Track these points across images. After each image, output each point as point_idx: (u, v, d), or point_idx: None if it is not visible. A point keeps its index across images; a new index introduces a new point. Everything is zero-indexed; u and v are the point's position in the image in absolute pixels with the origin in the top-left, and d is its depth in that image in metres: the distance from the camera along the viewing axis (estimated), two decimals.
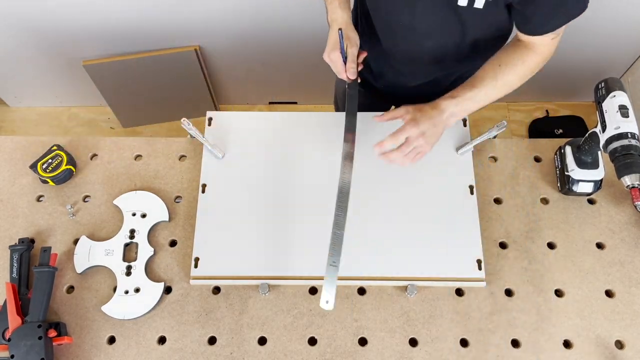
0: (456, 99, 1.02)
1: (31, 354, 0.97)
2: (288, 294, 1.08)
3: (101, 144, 1.25)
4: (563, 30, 0.97)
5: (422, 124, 1.01)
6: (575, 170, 1.11)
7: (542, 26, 0.96)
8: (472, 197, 1.15)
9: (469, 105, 1.02)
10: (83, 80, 2.09)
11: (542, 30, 0.96)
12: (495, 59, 1.04)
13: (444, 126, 1.03)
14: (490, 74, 1.02)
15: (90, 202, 1.18)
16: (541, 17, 0.94)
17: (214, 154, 1.20)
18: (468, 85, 1.03)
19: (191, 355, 1.03)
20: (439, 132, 1.03)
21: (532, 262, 1.11)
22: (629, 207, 1.16)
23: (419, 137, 1.01)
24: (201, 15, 1.83)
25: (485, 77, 1.02)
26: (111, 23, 1.84)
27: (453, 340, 1.04)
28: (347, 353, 1.03)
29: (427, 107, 1.03)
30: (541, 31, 0.96)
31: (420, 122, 1.01)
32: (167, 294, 1.09)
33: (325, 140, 1.22)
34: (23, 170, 1.21)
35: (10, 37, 1.92)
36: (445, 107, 1.01)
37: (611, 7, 1.79)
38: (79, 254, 1.11)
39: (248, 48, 1.99)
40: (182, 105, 2.25)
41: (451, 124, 1.03)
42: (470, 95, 1.02)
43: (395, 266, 1.09)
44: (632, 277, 1.09)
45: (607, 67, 2.10)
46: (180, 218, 1.16)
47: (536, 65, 1.03)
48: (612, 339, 1.04)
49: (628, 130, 0.94)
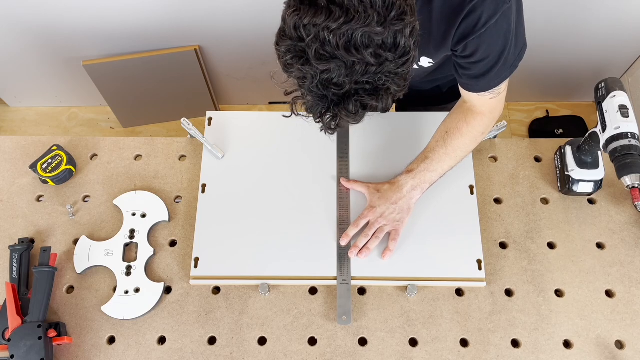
0: (412, 172, 1.08)
1: (31, 354, 0.97)
2: (288, 294, 1.08)
3: (101, 144, 1.25)
4: (503, 89, 0.98)
5: (379, 207, 1.09)
6: (576, 170, 1.11)
7: (472, 87, 0.98)
8: (472, 197, 1.15)
9: (426, 175, 1.07)
10: (83, 80, 2.09)
11: (473, 89, 0.98)
12: (443, 125, 1.08)
13: (408, 200, 1.08)
14: (440, 143, 1.07)
15: (90, 202, 1.18)
16: (470, 79, 0.96)
17: (214, 154, 1.20)
18: (421, 157, 1.09)
19: (191, 355, 1.03)
20: (403, 208, 1.09)
21: (532, 262, 1.11)
22: (629, 207, 1.16)
23: (378, 219, 1.09)
24: (201, 15, 1.83)
25: (435, 147, 1.07)
26: (111, 23, 1.84)
27: (453, 340, 1.04)
28: (347, 353, 1.03)
29: (386, 187, 1.11)
30: (472, 89, 0.98)
31: (377, 205, 1.09)
32: (167, 294, 1.09)
33: (326, 140, 1.22)
34: (23, 170, 1.21)
35: (11, 37, 1.92)
36: (404, 183, 1.08)
37: (611, 7, 1.79)
38: (79, 254, 1.11)
39: (248, 48, 1.99)
40: (182, 105, 2.25)
41: (416, 195, 1.09)
42: (424, 166, 1.07)
43: (395, 266, 1.09)
44: (632, 277, 1.09)
45: (607, 67, 2.10)
46: (180, 218, 1.16)
47: (483, 125, 1.05)
48: (612, 339, 1.03)
49: (628, 130, 0.94)
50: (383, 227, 1.09)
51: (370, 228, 1.08)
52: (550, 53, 2.02)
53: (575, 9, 1.80)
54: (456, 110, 1.07)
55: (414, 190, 1.08)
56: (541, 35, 1.89)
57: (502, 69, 0.92)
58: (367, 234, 1.08)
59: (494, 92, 0.97)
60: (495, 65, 0.90)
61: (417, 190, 1.08)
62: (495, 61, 0.90)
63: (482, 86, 0.96)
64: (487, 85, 0.96)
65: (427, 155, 1.08)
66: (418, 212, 1.13)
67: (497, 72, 0.92)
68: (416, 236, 1.11)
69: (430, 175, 1.08)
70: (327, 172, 1.18)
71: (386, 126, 1.24)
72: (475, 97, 1.00)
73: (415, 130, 1.22)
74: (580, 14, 1.83)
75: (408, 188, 1.08)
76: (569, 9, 1.80)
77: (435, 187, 1.15)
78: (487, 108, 1.03)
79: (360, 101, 0.71)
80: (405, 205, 1.09)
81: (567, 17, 1.83)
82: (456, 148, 1.06)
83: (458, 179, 1.17)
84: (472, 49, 0.88)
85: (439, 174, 1.08)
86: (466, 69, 0.94)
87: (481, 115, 1.04)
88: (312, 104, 0.74)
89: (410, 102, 1.35)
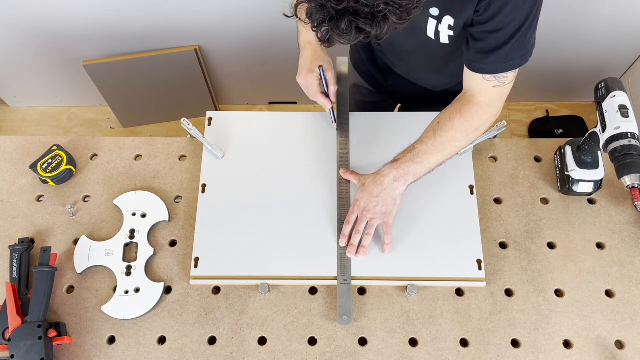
0: (397, 162, 1.05)
1: (31, 354, 0.97)
2: (288, 294, 1.08)
3: (101, 144, 1.25)
4: (509, 82, 0.96)
5: (361, 201, 1.08)
6: (576, 170, 1.11)
7: (478, 65, 0.95)
8: (472, 197, 1.15)
9: (410, 167, 1.04)
10: (83, 80, 2.10)
11: (479, 68, 0.95)
12: (436, 117, 1.06)
13: (391, 192, 1.06)
14: (429, 134, 1.04)
15: (90, 202, 1.18)
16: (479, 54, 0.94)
17: (214, 154, 1.20)
18: (409, 148, 1.06)
19: (191, 355, 1.03)
20: (386, 200, 1.06)
21: (532, 262, 1.11)
22: (629, 207, 1.16)
23: (363, 213, 1.07)
24: (201, 15, 1.83)
25: (424, 138, 1.05)
26: (111, 23, 1.84)
27: (453, 340, 1.04)
28: (347, 353, 1.03)
29: (370, 179, 1.08)
30: (479, 69, 0.96)
31: (359, 198, 1.09)
32: (167, 294, 1.09)
33: (326, 140, 1.22)
34: (23, 170, 1.21)
35: (11, 37, 1.92)
36: (386, 174, 1.06)
37: (611, 8, 1.79)
38: (79, 254, 1.11)
39: (248, 48, 1.99)
40: (182, 105, 2.25)
41: (399, 187, 1.05)
42: (409, 157, 1.04)
43: (395, 266, 1.09)
44: (632, 277, 1.09)
45: (607, 67, 2.10)
46: (180, 218, 1.16)
47: (477, 119, 1.01)
48: (612, 339, 1.04)
49: (628, 130, 0.94)
50: (371, 221, 1.07)
51: (359, 223, 1.07)
52: (550, 53, 2.02)
53: (575, 9, 1.80)
54: (453, 103, 1.05)
55: (397, 182, 1.04)
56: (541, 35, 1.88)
57: (514, 49, 0.90)
58: (358, 230, 1.07)
59: (499, 80, 0.95)
60: (509, 40, 0.89)
61: (400, 182, 1.04)
62: (510, 35, 0.88)
63: (490, 65, 0.94)
64: (494, 66, 0.93)
65: (414, 146, 1.05)
66: (418, 212, 1.13)
67: (509, 50, 0.90)
68: (416, 236, 1.11)
69: (415, 167, 1.04)
70: (327, 172, 1.18)
71: (386, 126, 1.24)
72: (478, 81, 0.97)
73: (416, 131, 1.21)
74: (580, 14, 1.83)
75: (390, 179, 1.05)
76: (569, 9, 1.80)
77: (436, 187, 1.15)
78: (485, 99, 0.99)
79: (354, 23, 0.71)
80: (389, 197, 1.06)
81: (567, 17, 1.83)
82: (445, 141, 1.02)
83: (458, 179, 1.17)
84: (494, 10, 0.86)
85: (425, 167, 1.04)
86: (479, 40, 0.92)
87: (477, 107, 1.00)
88: (312, 11, 0.74)
89: (417, 102, 1.35)
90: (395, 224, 1.10)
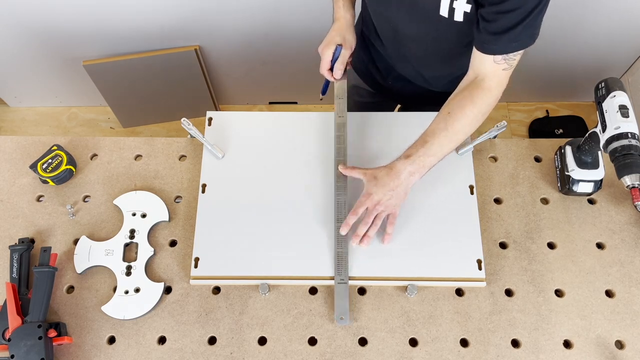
0: (410, 157, 1.04)
1: (31, 354, 0.97)
2: (288, 294, 1.08)
3: (101, 144, 1.25)
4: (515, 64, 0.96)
5: (376, 195, 1.05)
6: (576, 170, 1.11)
7: (490, 46, 0.95)
8: (472, 197, 1.15)
9: (425, 160, 1.03)
10: (83, 80, 2.10)
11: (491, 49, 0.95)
12: (446, 106, 1.04)
13: (405, 186, 1.05)
14: (441, 125, 1.03)
15: (90, 202, 1.19)
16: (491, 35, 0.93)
17: (214, 154, 1.20)
18: (420, 141, 1.05)
19: (191, 355, 1.03)
20: (400, 193, 1.06)
21: (532, 262, 1.11)
22: (629, 207, 1.16)
23: (376, 206, 1.06)
24: (201, 15, 1.83)
25: (436, 129, 1.03)
26: (111, 23, 1.84)
27: (453, 340, 1.04)
28: (347, 353, 1.03)
29: (383, 173, 1.06)
30: (490, 50, 0.96)
31: (373, 192, 1.06)
32: (167, 294, 1.09)
33: (326, 140, 1.22)
34: (23, 170, 1.21)
35: (11, 37, 1.92)
36: (401, 169, 1.04)
37: (611, 7, 1.79)
38: (79, 254, 1.11)
39: (248, 48, 1.99)
40: (182, 105, 2.25)
41: (413, 181, 1.05)
42: (423, 151, 1.03)
43: (395, 266, 1.09)
44: (632, 277, 1.09)
45: (607, 67, 2.10)
46: (180, 218, 1.16)
47: (486, 103, 1.02)
48: (612, 339, 1.04)
49: (628, 130, 0.94)
50: (381, 213, 1.07)
51: (369, 215, 1.07)
52: (550, 53, 2.02)
53: (575, 9, 1.80)
54: (461, 89, 1.04)
55: (412, 176, 1.04)
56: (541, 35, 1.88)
57: (526, 28, 0.90)
58: (367, 222, 1.07)
59: (508, 62, 0.95)
60: (523, 20, 0.89)
61: (416, 176, 1.05)
62: (525, 15, 0.88)
63: (502, 45, 0.93)
64: (507, 46, 0.93)
65: (426, 139, 1.03)
66: (418, 212, 1.13)
67: (522, 30, 0.90)
68: (416, 236, 1.11)
69: (429, 160, 1.04)
70: (326, 172, 1.18)
71: (386, 126, 1.24)
72: (488, 64, 0.97)
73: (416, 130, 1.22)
74: (580, 14, 1.83)
75: (406, 174, 1.04)
76: (568, 9, 1.80)
77: (436, 187, 1.15)
78: (495, 82, 0.99)
79: None
80: (403, 191, 1.06)
81: (567, 17, 1.83)
82: (458, 130, 1.02)
83: (458, 179, 1.17)
84: None
85: (438, 158, 1.05)
86: (491, 21, 0.91)
87: (488, 91, 1.00)
88: None
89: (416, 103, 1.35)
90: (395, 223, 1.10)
